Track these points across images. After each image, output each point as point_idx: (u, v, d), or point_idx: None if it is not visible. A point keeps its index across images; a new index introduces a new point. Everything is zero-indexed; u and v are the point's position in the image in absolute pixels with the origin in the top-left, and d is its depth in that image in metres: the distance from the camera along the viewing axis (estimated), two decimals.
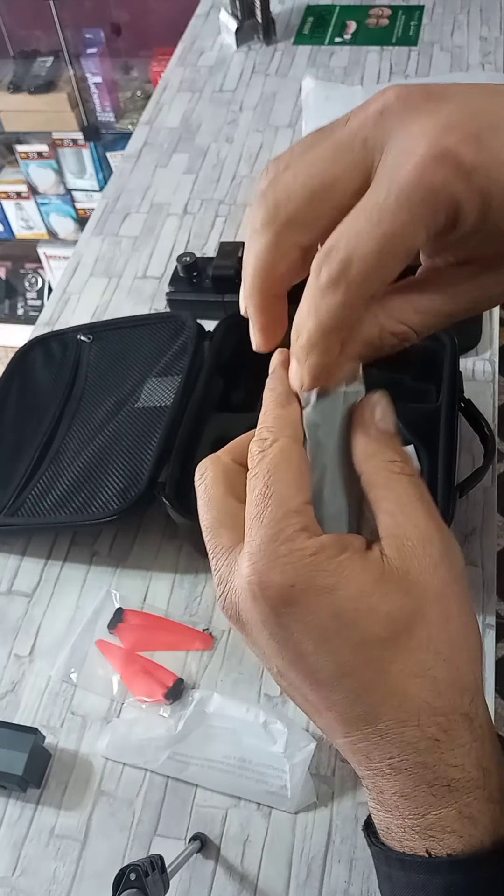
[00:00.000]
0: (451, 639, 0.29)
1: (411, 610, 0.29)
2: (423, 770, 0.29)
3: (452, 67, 1.24)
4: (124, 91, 2.14)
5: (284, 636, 0.29)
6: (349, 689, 0.29)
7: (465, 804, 0.29)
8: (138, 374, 0.83)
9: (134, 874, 0.48)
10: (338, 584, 0.28)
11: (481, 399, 0.81)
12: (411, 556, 0.29)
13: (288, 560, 0.28)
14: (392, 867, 0.31)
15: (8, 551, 0.79)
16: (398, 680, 0.29)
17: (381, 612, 0.28)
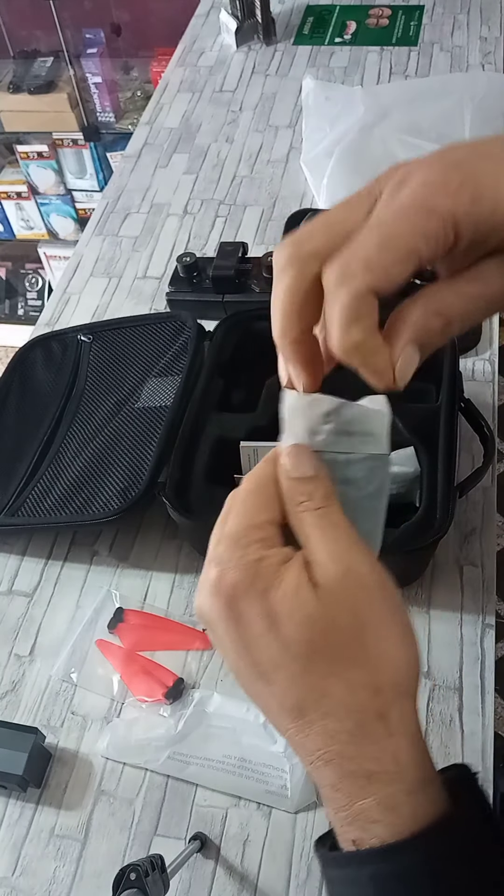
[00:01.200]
0: (365, 646, 0.33)
1: (326, 618, 0.33)
2: (345, 761, 0.32)
3: (452, 67, 1.24)
4: (124, 91, 2.14)
5: (233, 629, 0.34)
6: (282, 680, 0.33)
7: (386, 795, 0.32)
8: (138, 374, 0.83)
9: (134, 874, 0.48)
10: (269, 587, 0.33)
11: (481, 399, 0.81)
12: (327, 574, 0.33)
13: (237, 563, 0.34)
14: (328, 867, 0.35)
15: (8, 551, 0.79)
16: (318, 677, 0.33)
17: (299, 617, 0.32)
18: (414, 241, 0.30)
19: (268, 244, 1.02)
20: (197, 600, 0.36)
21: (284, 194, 1.09)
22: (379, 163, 1.03)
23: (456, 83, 1.13)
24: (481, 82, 1.13)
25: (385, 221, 0.31)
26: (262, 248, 1.00)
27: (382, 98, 1.12)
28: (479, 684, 0.64)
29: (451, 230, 0.30)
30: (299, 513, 0.35)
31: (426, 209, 0.30)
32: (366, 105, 1.10)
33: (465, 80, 1.16)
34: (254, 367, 0.80)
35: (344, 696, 0.32)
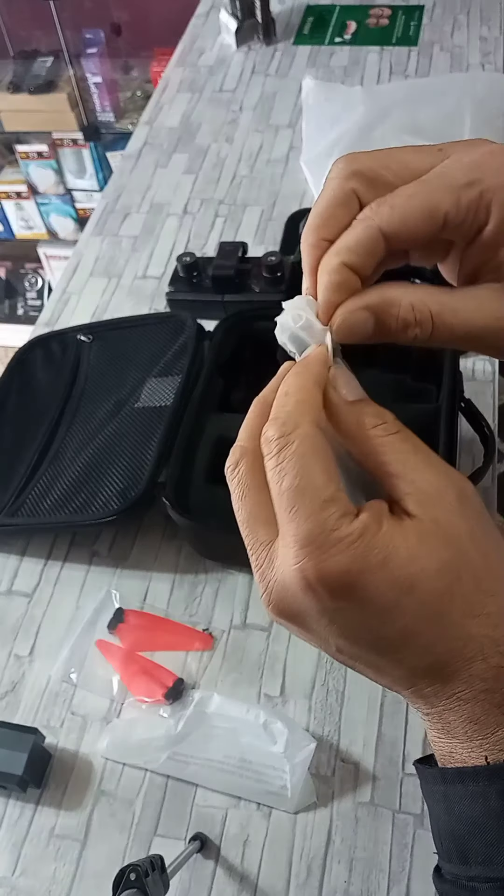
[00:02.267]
0: (493, 572, 0.31)
1: (456, 557, 0.30)
2: (491, 695, 0.30)
3: (452, 67, 1.24)
4: (124, 91, 2.14)
5: (346, 618, 0.30)
6: (416, 647, 0.31)
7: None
8: (138, 374, 0.83)
9: (134, 874, 0.48)
10: (388, 557, 0.29)
11: (481, 399, 0.81)
12: (434, 508, 0.31)
13: (338, 549, 0.29)
14: (449, 783, 0.32)
15: (8, 551, 0.79)
16: (459, 625, 0.30)
17: (431, 569, 0.30)
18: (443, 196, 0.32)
19: (268, 244, 1.02)
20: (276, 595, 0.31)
21: (284, 194, 1.09)
22: None
23: (456, 83, 1.13)
24: (481, 82, 1.13)
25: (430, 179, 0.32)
26: (262, 248, 1.00)
27: (382, 98, 1.12)
28: None
29: (484, 209, 0.31)
30: (380, 440, 0.31)
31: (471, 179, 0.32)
32: (366, 105, 1.10)
33: (465, 80, 1.16)
34: (254, 367, 0.80)
35: (489, 633, 0.30)
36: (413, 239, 0.33)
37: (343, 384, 0.33)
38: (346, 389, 0.33)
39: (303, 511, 0.30)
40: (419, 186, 0.32)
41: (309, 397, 0.32)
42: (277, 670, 0.67)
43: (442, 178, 0.32)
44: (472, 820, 0.31)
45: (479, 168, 0.32)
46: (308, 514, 0.30)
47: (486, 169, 0.32)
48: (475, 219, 0.32)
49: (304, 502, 0.30)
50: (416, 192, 0.32)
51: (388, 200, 0.33)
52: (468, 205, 0.32)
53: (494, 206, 0.32)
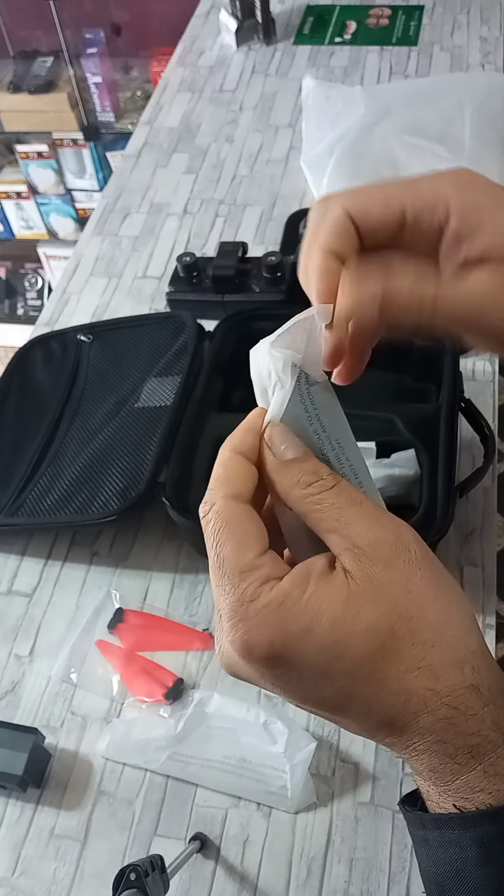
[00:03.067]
0: (432, 624, 0.31)
1: (386, 616, 0.30)
2: (444, 746, 0.31)
3: (452, 67, 1.24)
4: (124, 91, 2.13)
5: (283, 683, 0.31)
6: (358, 706, 0.31)
7: (489, 764, 0.31)
8: (138, 374, 0.83)
9: (134, 874, 0.48)
10: (312, 623, 0.30)
11: (481, 399, 0.81)
12: (368, 563, 0.31)
13: (259, 619, 0.30)
14: (427, 828, 0.33)
15: (8, 551, 0.79)
16: (397, 681, 0.30)
17: (359, 633, 0.30)
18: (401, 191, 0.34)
19: (268, 244, 1.02)
20: (226, 662, 0.32)
21: (284, 194, 1.09)
22: (379, 162, 1.04)
23: (456, 83, 1.13)
24: (481, 82, 1.13)
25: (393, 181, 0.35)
26: (262, 248, 1.00)
27: (382, 98, 1.12)
28: None
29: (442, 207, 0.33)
30: (314, 498, 0.32)
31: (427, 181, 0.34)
32: (366, 105, 1.10)
33: (465, 80, 1.16)
34: None
35: (430, 685, 0.30)
36: (375, 223, 0.34)
37: (280, 443, 0.33)
38: (285, 450, 0.33)
39: (224, 585, 0.31)
40: (384, 182, 0.36)
41: (223, 471, 0.33)
42: None
43: (406, 180, 0.36)
44: (451, 866, 0.32)
45: (438, 176, 0.35)
46: (228, 588, 0.30)
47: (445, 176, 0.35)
48: (434, 215, 0.34)
49: (224, 576, 0.31)
50: (380, 185, 0.35)
51: (355, 188, 0.36)
52: (425, 199, 0.34)
53: (453, 204, 0.33)
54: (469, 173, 0.35)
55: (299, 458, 0.33)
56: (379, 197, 0.35)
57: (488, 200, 0.34)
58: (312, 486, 0.32)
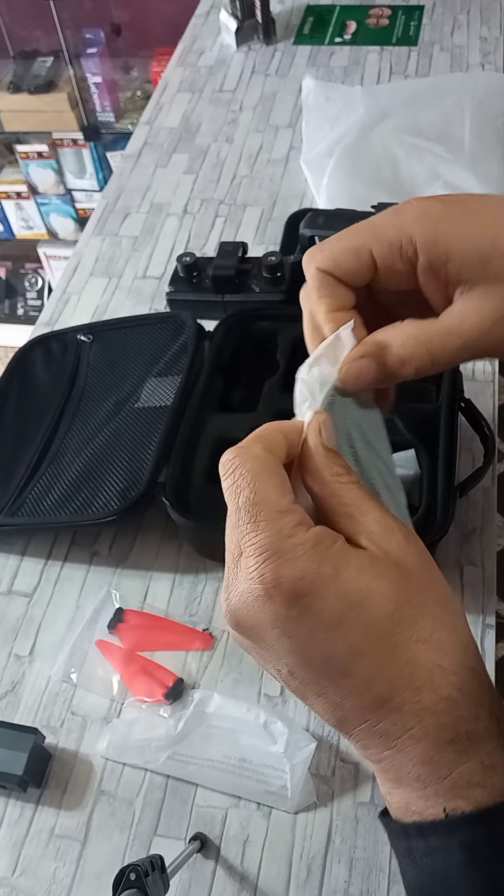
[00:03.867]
0: (441, 602, 0.32)
1: (405, 582, 0.31)
2: (443, 731, 0.30)
3: (452, 67, 1.24)
4: (124, 91, 2.14)
5: (296, 629, 0.31)
6: (364, 669, 0.31)
7: (486, 753, 0.30)
8: (138, 374, 0.83)
9: (134, 874, 0.48)
10: (339, 569, 0.30)
11: (481, 399, 0.81)
12: (384, 543, 0.32)
13: (293, 554, 0.30)
14: (411, 838, 0.32)
15: (8, 551, 0.79)
16: (407, 650, 0.31)
17: (381, 589, 0.31)
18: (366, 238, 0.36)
19: (268, 244, 1.02)
20: (234, 606, 0.32)
21: (284, 194, 1.09)
22: (379, 162, 1.04)
23: (456, 83, 1.13)
24: (481, 82, 1.13)
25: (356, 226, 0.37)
26: (262, 248, 1.00)
27: (382, 98, 1.12)
28: None
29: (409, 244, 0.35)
30: (343, 484, 0.33)
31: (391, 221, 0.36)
32: (366, 105, 1.10)
33: (465, 80, 1.16)
34: (254, 367, 0.80)
35: (438, 661, 0.31)
36: (349, 275, 0.37)
37: (327, 434, 0.35)
38: (329, 439, 0.35)
39: (260, 521, 0.31)
40: (347, 231, 0.37)
41: (266, 432, 0.34)
42: None
43: (366, 223, 0.37)
44: (437, 874, 0.31)
45: (396, 213, 0.36)
46: (266, 524, 0.31)
47: (402, 212, 0.36)
48: (402, 254, 0.35)
49: (261, 513, 0.31)
50: (343, 235, 0.37)
51: (320, 245, 0.37)
52: (390, 241, 0.35)
53: (417, 238, 0.35)
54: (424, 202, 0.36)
55: (336, 451, 0.35)
56: (347, 249, 0.37)
57: (449, 226, 0.35)
58: (342, 476, 0.34)
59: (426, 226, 0.35)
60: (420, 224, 0.35)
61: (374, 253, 0.36)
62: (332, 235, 0.37)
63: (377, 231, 0.36)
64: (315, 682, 0.32)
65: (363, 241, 0.36)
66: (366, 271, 0.37)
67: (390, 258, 0.36)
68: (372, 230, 0.36)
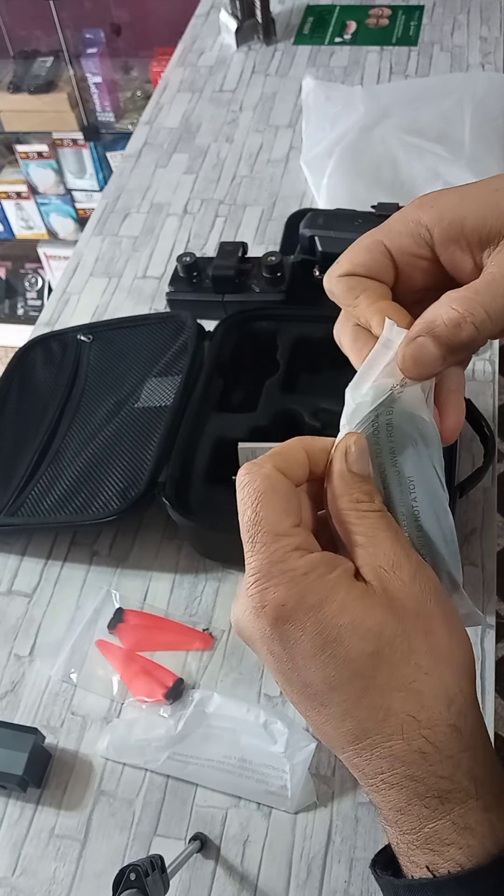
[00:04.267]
0: (432, 652, 0.31)
1: (392, 625, 0.30)
2: (413, 783, 0.30)
3: (452, 67, 1.24)
4: (124, 91, 2.14)
5: (280, 650, 0.31)
6: (338, 704, 0.30)
7: (459, 815, 0.30)
8: (138, 374, 0.83)
9: (134, 874, 0.48)
10: (324, 601, 0.30)
11: (481, 399, 0.81)
12: (387, 579, 0.32)
13: (281, 580, 0.31)
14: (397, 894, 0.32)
15: (8, 551, 0.79)
16: (381, 694, 0.30)
17: (363, 628, 0.30)
18: (375, 234, 0.36)
19: (268, 244, 1.02)
20: (235, 617, 0.33)
21: (284, 194, 1.09)
22: (379, 163, 1.04)
23: (456, 83, 1.13)
24: (481, 82, 1.13)
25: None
26: (262, 248, 1.00)
27: (382, 98, 1.12)
28: (480, 684, 0.64)
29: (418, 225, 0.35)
30: (360, 512, 0.33)
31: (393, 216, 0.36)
32: (366, 105, 1.10)
33: (465, 80, 1.16)
34: (254, 367, 0.80)
35: (413, 712, 0.30)
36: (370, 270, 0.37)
37: (354, 457, 0.34)
38: (355, 462, 0.34)
39: (256, 542, 0.32)
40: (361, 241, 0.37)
41: (283, 450, 0.34)
42: None
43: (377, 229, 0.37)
44: None
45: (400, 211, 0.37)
46: (260, 546, 0.31)
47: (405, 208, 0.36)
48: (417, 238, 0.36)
49: (258, 534, 0.32)
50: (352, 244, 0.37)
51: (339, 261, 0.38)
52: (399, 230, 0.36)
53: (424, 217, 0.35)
54: (426, 194, 0.36)
55: (363, 476, 0.34)
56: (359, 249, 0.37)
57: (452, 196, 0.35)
58: (362, 504, 0.33)
59: (426, 206, 0.35)
60: (421, 208, 0.36)
61: (387, 245, 0.36)
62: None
63: (384, 228, 0.37)
64: (298, 703, 0.32)
65: (373, 238, 0.37)
66: (384, 265, 0.36)
67: (406, 245, 0.36)
68: (379, 229, 0.37)
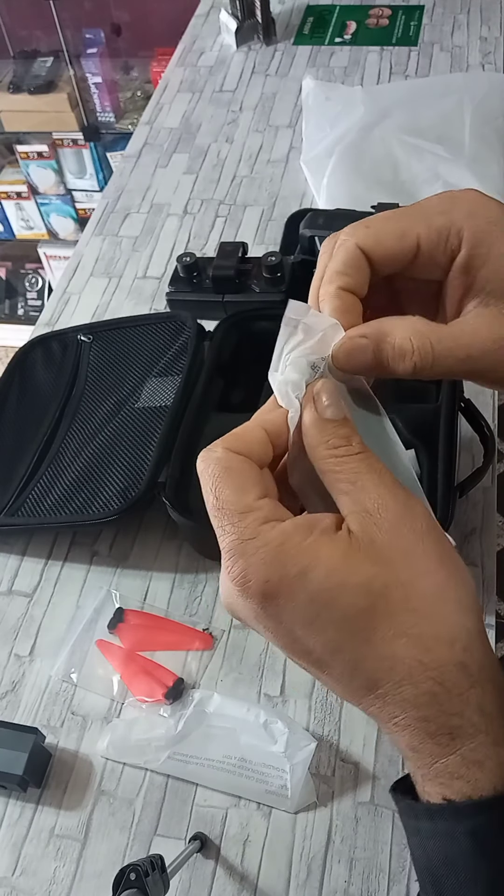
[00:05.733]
0: (427, 594, 0.31)
1: (382, 576, 0.30)
2: (425, 724, 0.30)
3: (452, 68, 1.24)
4: (124, 91, 2.14)
5: (274, 626, 0.31)
6: (344, 663, 0.31)
7: (469, 749, 0.30)
8: (138, 374, 0.83)
9: (134, 874, 0.48)
10: (307, 568, 0.30)
11: (481, 399, 0.81)
12: (372, 526, 0.31)
13: (257, 557, 0.30)
14: (419, 819, 0.32)
15: (8, 551, 0.79)
16: (385, 645, 0.30)
17: (352, 585, 0.30)
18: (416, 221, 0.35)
19: (268, 244, 1.02)
20: (225, 602, 0.33)
21: (284, 194, 1.09)
22: (379, 163, 1.04)
23: (456, 83, 1.13)
24: (481, 82, 1.13)
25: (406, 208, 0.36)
26: (262, 248, 1.00)
27: (382, 98, 1.12)
28: None
29: (455, 236, 0.34)
30: (339, 458, 0.32)
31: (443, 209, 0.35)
32: (366, 105, 1.10)
33: (465, 80, 1.16)
34: (254, 367, 0.80)
35: (418, 656, 0.30)
36: (389, 257, 0.35)
37: (324, 400, 0.33)
38: (327, 408, 0.33)
39: (224, 525, 0.31)
40: (395, 212, 0.36)
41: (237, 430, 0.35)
42: (277, 670, 0.67)
43: (417, 207, 0.36)
44: (443, 857, 0.31)
45: (451, 201, 0.35)
46: (228, 528, 0.31)
47: (457, 202, 0.35)
48: (447, 245, 0.35)
49: (223, 517, 0.32)
50: (392, 216, 0.36)
51: (365, 222, 0.36)
52: (439, 229, 0.35)
53: (466, 233, 0.34)
54: (481, 198, 0.35)
55: (337, 420, 0.33)
56: (394, 230, 0.35)
57: (498, 230, 0.34)
58: (340, 449, 0.32)
59: (478, 223, 0.34)
60: (473, 219, 0.35)
61: (420, 239, 0.35)
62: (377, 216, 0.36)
63: (428, 217, 0.35)
64: (306, 668, 0.33)
65: (412, 224, 0.35)
66: (407, 256, 0.36)
67: (435, 247, 0.35)
68: (423, 214, 0.35)
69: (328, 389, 0.34)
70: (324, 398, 0.33)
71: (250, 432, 0.35)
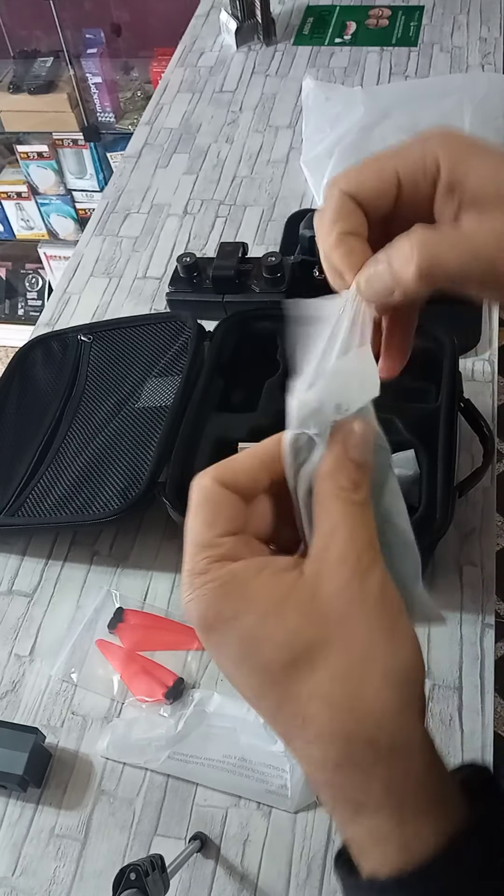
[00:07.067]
0: (352, 661, 0.29)
1: (308, 632, 0.29)
2: (333, 789, 0.30)
3: (452, 68, 1.24)
4: (124, 91, 2.14)
5: (215, 655, 0.32)
6: (266, 709, 0.31)
7: (375, 826, 0.29)
8: (138, 374, 0.83)
9: (134, 874, 0.48)
10: (240, 612, 0.30)
11: (481, 399, 0.81)
12: (323, 577, 0.30)
13: (201, 592, 0.30)
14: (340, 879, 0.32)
15: (8, 551, 0.79)
16: (299, 702, 0.29)
17: (278, 637, 0.29)
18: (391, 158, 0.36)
19: (268, 244, 1.02)
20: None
21: (284, 194, 1.09)
22: None
23: (456, 83, 1.13)
24: (481, 82, 1.13)
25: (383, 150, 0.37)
26: (262, 248, 1.00)
27: (382, 98, 1.12)
28: (479, 684, 0.64)
29: (432, 161, 0.35)
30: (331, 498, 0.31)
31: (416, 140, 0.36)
32: (366, 105, 1.10)
33: (465, 80, 1.16)
34: (254, 367, 0.80)
35: (327, 722, 0.29)
36: (374, 196, 0.36)
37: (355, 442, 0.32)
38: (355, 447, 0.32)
39: (185, 553, 0.32)
40: (371, 156, 0.37)
41: (231, 458, 0.34)
42: None
43: (391, 148, 0.37)
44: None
45: (422, 136, 0.36)
46: (188, 557, 0.32)
47: (428, 136, 0.36)
48: (426, 172, 0.35)
49: (187, 546, 0.32)
50: (367, 159, 0.37)
51: (344, 171, 0.37)
52: (415, 159, 0.36)
53: (441, 157, 0.35)
54: (453, 130, 0.36)
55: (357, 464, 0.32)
56: (372, 169, 0.36)
57: (472, 149, 0.35)
58: (342, 491, 0.31)
59: (451, 146, 0.35)
60: (446, 145, 0.35)
61: (398, 172, 0.36)
62: None
63: (402, 151, 0.36)
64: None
65: (388, 161, 0.36)
66: (390, 191, 0.36)
67: (414, 176, 0.36)
68: (396, 152, 0.37)
69: (364, 432, 0.32)
70: (357, 438, 0.32)
71: (240, 462, 0.34)
